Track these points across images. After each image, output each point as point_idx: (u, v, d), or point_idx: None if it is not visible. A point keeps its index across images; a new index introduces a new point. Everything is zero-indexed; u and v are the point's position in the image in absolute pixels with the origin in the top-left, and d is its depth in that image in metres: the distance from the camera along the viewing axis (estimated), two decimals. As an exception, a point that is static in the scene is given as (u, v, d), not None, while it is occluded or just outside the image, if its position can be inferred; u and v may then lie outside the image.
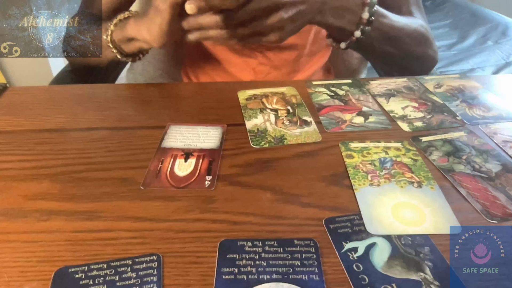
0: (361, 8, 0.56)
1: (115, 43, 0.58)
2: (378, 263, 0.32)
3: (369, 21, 0.56)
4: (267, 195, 0.40)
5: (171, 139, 0.48)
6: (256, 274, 0.31)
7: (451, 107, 0.55)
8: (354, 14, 0.56)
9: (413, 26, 0.65)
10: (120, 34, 0.56)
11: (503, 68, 1.69)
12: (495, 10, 2.16)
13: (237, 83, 0.62)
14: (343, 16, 0.56)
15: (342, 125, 0.51)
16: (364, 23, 0.56)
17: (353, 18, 0.56)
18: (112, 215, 0.37)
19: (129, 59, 0.61)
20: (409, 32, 0.64)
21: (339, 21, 0.56)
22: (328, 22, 0.55)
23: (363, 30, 0.57)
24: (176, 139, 0.48)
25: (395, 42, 0.63)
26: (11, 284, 0.31)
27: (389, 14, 0.61)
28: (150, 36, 0.51)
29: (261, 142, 0.47)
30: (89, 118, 0.52)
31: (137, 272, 0.31)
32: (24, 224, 0.36)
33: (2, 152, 0.45)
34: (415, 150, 0.46)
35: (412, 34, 0.65)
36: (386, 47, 0.62)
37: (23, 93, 0.58)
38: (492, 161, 0.45)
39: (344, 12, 0.55)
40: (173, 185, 0.41)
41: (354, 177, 0.42)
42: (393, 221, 0.36)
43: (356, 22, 0.56)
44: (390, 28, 0.61)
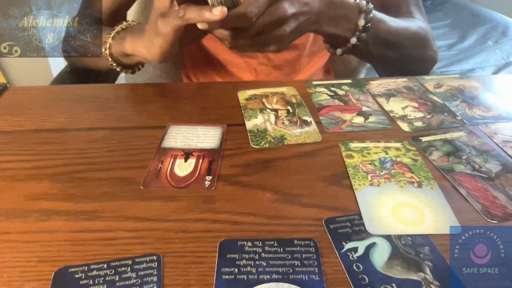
0: (357, 16, 0.55)
1: (113, 56, 0.57)
2: (378, 263, 0.32)
3: (365, 28, 0.56)
4: (267, 195, 0.40)
5: (171, 139, 0.48)
6: (256, 274, 0.31)
7: (451, 107, 0.55)
8: (350, 21, 0.55)
9: (412, 29, 0.65)
10: (118, 48, 0.55)
11: (503, 68, 1.70)
12: (495, 10, 2.16)
13: (237, 83, 0.62)
14: (339, 24, 0.55)
15: (342, 125, 0.51)
16: (360, 30, 0.56)
17: (349, 25, 0.56)
18: (112, 215, 0.37)
19: (128, 71, 0.60)
20: (408, 35, 0.64)
21: (335, 29, 0.55)
22: (324, 31, 0.55)
23: (359, 37, 0.56)
24: (176, 139, 0.48)
25: (393, 46, 0.62)
26: (11, 284, 0.31)
27: (386, 19, 0.60)
28: (149, 55, 0.50)
29: (261, 142, 0.47)
30: (89, 118, 0.52)
31: (137, 272, 0.31)
32: (24, 224, 0.36)
33: (2, 152, 0.45)
34: (415, 150, 0.46)
35: (410, 37, 0.64)
36: (384, 52, 0.62)
37: (23, 93, 0.58)
38: (492, 161, 0.45)
39: (340, 20, 0.55)
40: (173, 185, 0.41)
41: (354, 177, 0.42)
42: (393, 221, 0.36)
43: (352, 29, 0.56)
44: (388, 33, 0.60)
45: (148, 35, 0.49)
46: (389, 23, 0.60)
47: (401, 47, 0.63)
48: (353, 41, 0.57)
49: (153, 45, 0.48)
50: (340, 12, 0.54)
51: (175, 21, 0.44)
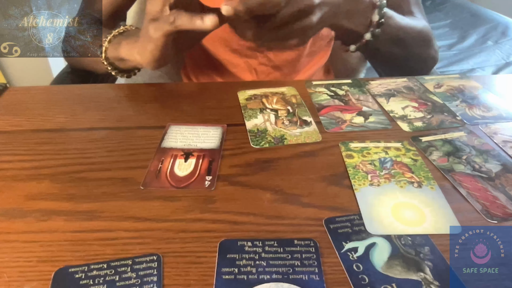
0: (371, 11, 0.55)
1: (109, 60, 0.57)
2: (378, 263, 0.32)
3: (379, 23, 0.56)
4: (267, 195, 0.40)
5: (171, 139, 0.48)
6: (256, 274, 0.31)
7: (451, 107, 0.55)
8: (365, 16, 0.56)
9: (418, 28, 0.65)
10: (114, 53, 0.55)
11: (503, 68, 1.70)
12: (495, 10, 2.16)
13: (237, 83, 0.62)
14: (355, 18, 0.55)
15: (342, 125, 0.51)
16: (374, 25, 0.56)
17: (364, 20, 0.56)
18: (112, 215, 0.37)
19: (123, 75, 0.60)
20: (415, 33, 0.64)
21: (350, 23, 0.55)
22: (340, 25, 0.54)
23: (373, 32, 0.56)
24: (176, 139, 0.48)
25: (400, 43, 0.62)
26: (11, 284, 0.31)
27: (396, 16, 0.60)
28: (143, 60, 0.49)
29: (261, 142, 0.47)
30: (89, 118, 0.52)
31: (137, 272, 0.31)
32: (24, 224, 0.36)
33: (2, 152, 0.45)
34: (415, 150, 0.46)
35: (416, 35, 0.65)
36: (392, 49, 0.62)
37: (23, 93, 0.58)
38: (492, 161, 0.45)
39: (355, 14, 0.55)
40: (173, 185, 0.41)
41: (354, 177, 0.42)
42: (393, 221, 0.36)
43: (367, 24, 0.56)
44: (397, 30, 0.60)
45: (142, 40, 0.48)
46: (398, 20, 0.60)
47: (408, 45, 0.63)
48: (368, 37, 0.57)
49: (146, 50, 0.47)
50: (356, 6, 0.54)
51: (165, 26, 0.43)
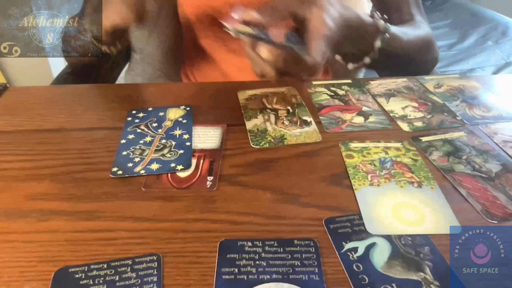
0: (374, 36, 0.54)
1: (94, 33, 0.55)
2: (378, 263, 0.32)
3: (380, 49, 0.55)
4: (267, 195, 0.40)
5: (171, 139, 0.48)
6: (256, 274, 0.31)
7: (451, 107, 0.55)
8: (367, 43, 0.55)
9: (421, 37, 0.64)
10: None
11: (503, 68, 1.70)
12: (495, 10, 2.16)
13: (237, 83, 0.62)
14: (356, 44, 0.54)
15: (342, 125, 0.51)
16: (376, 51, 0.55)
17: (365, 47, 0.55)
18: (112, 215, 0.37)
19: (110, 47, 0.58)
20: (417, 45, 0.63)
21: (352, 48, 0.55)
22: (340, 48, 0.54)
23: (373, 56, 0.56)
24: (176, 139, 0.48)
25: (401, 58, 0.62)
26: (11, 284, 0.31)
27: (400, 34, 0.59)
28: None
29: (261, 142, 0.47)
30: (89, 118, 0.52)
31: (137, 272, 0.31)
32: (24, 224, 0.36)
33: (2, 152, 0.45)
34: (415, 150, 0.46)
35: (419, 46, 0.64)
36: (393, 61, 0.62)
37: (23, 93, 0.58)
38: (492, 161, 0.45)
39: (357, 40, 0.54)
40: (174, 186, 0.41)
41: (354, 177, 0.42)
42: (393, 221, 0.36)
43: (369, 50, 0.55)
44: (400, 49, 0.60)
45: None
46: (402, 39, 0.59)
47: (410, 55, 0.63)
48: (367, 61, 0.56)
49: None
50: (358, 34, 0.53)
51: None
